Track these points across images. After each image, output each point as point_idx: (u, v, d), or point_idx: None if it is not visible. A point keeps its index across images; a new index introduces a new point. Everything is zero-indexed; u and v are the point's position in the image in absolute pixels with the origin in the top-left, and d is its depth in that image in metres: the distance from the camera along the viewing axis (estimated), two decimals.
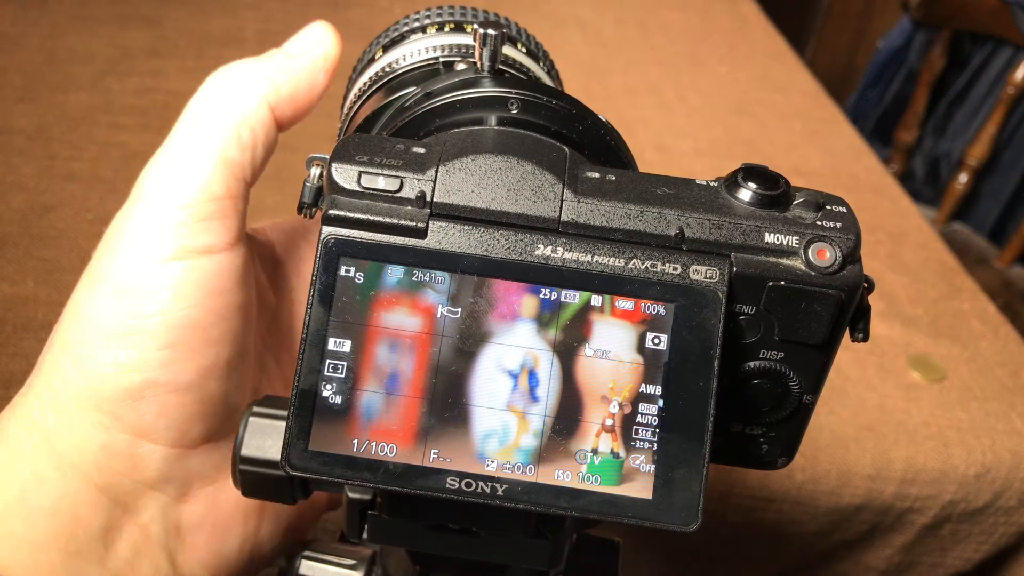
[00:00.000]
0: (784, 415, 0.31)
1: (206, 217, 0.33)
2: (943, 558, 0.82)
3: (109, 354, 0.32)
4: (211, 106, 0.34)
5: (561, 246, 0.28)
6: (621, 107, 1.19)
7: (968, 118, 1.83)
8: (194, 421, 0.34)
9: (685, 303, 0.27)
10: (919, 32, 1.82)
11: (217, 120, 0.33)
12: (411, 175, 0.28)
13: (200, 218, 0.33)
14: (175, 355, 0.33)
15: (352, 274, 0.27)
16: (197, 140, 0.33)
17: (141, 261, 0.32)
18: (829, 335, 0.29)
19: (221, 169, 0.33)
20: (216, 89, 0.34)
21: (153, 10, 1.21)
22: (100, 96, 1.02)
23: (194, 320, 0.33)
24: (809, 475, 0.75)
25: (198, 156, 0.33)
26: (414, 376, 0.27)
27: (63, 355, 0.33)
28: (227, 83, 0.34)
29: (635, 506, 0.27)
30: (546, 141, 0.31)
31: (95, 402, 0.33)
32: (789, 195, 0.29)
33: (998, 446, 0.79)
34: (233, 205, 0.34)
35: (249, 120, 0.34)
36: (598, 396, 0.27)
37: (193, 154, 0.33)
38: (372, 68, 0.41)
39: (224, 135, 0.33)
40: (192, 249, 0.32)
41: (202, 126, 0.33)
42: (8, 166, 0.90)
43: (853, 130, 1.25)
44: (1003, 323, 0.94)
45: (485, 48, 0.34)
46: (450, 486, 0.27)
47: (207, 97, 0.34)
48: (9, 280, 0.75)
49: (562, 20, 1.39)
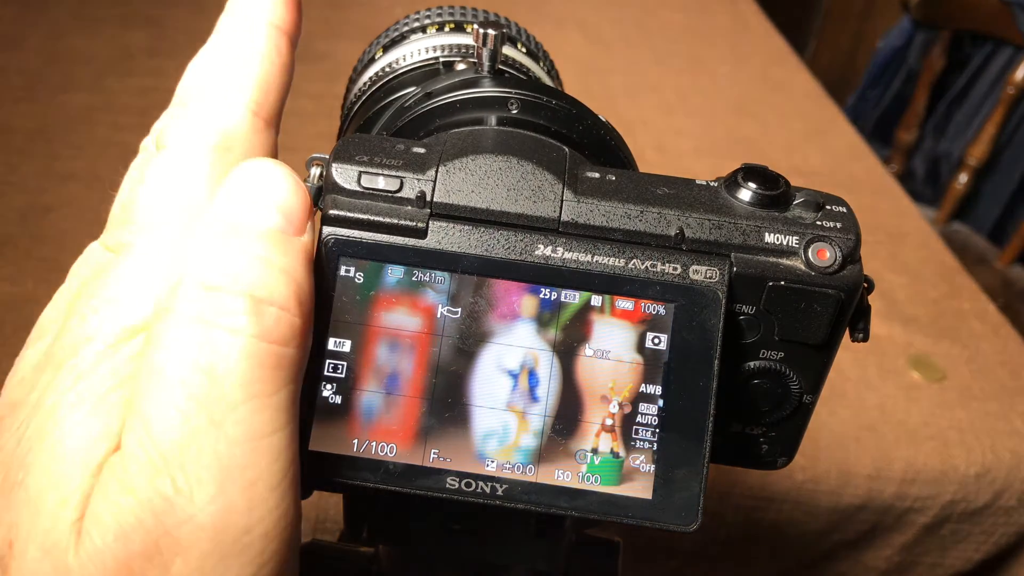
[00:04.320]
0: (784, 415, 0.31)
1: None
2: (943, 558, 0.82)
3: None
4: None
5: (561, 246, 0.28)
6: (621, 107, 1.19)
7: (968, 118, 1.83)
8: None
9: (685, 303, 0.27)
10: (919, 32, 1.82)
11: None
12: (411, 175, 0.28)
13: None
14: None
15: (352, 274, 0.27)
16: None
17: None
18: (829, 335, 0.29)
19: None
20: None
21: (154, 10, 1.21)
22: (100, 96, 1.02)
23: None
24: (809, 475, 0.75)
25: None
26: (414, 376, 0.27)
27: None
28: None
29: (635, 506, 0.27)
30: (546, 141, 0.31)
31: None
32: (789, 195, 0.29)
33: (998, 446, 0.79)
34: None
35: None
36: (598, 396, 0.27)
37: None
38: (372, 68, 0.41)
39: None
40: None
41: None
42: (8, 166, 0.90)
43: (853, 130, 1.25)
44: (1003, 323, 0.94)
45: (485, 48, 0.34)
46: (450, 486, 0.27)
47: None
48: (9, 280, 0.75)
49: (562, 20, 1.39)
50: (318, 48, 1.17)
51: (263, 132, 0.27)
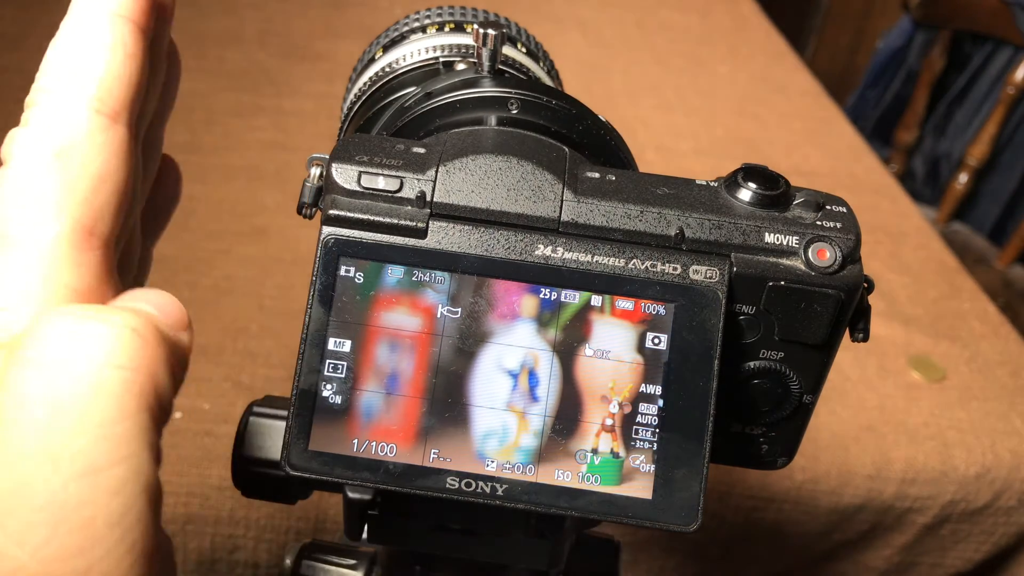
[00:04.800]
0: (784, 415, 0.31)
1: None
2: (943, 558, 0.82)
3: None
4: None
5: (561, 246, 0.28)
6: (621, 107, 1.20)
7: (968, 118, 1.83)
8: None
9: (685, 303, 0.27)
10: (919, 32, 1.82)
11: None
12: (411, 175, 0.28)
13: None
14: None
15: (352, 274, 0.27)
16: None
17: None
18: (829, 335, 0.29)
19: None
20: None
21: None
22: None
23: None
24: (809, 475, 0.75)
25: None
26: (414, 376, 0.27)
27: None
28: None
29: (635, 506, 0.27)
30: (546, 141, 0.31)
31: None
32: (789, 195, 0.29)
33: (998, 446, 0.79)
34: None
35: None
36: (598, 396, 0.27)
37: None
38: (372, 68, 0.41)
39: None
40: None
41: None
42: None
43: (853, 130, 1.25)
44: (1003, 323, 0.94)
45: (485, 48, 0.34)
46: (450, 486, 0.27)
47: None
48: None
49: (562, 20, 1.39)
50: (318, 48, 1.17)
51: (110, 130, 0.25)
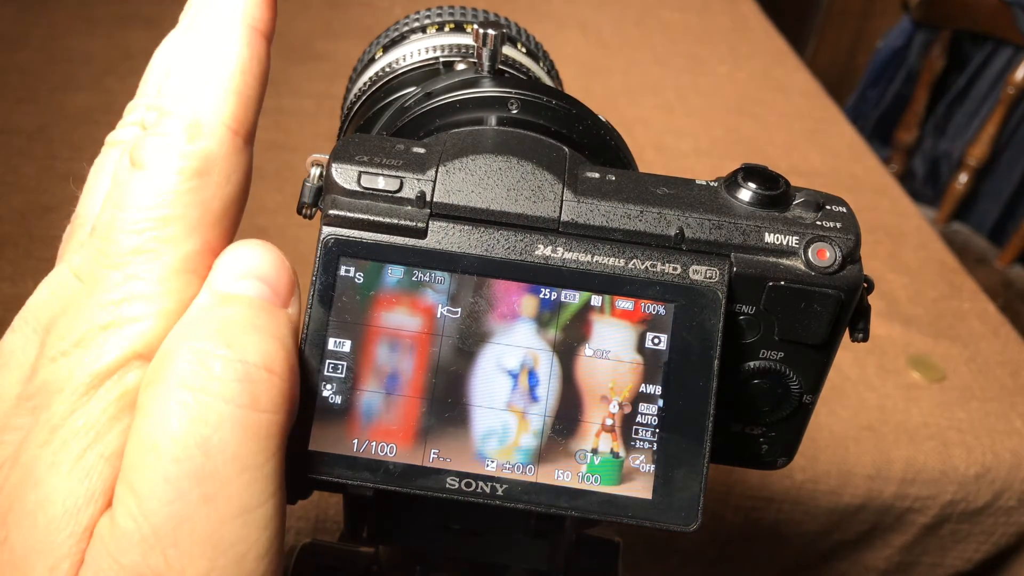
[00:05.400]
0: (784, 415, 0.31)
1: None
2: (943, 558, 0.82)
3: None
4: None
5: (561, 246, 0.28)
6: (621, 107, 1.20)
7: (968, 118, 1.83)
8: None
9: (685, 303, 0.27)
10: (919, 32, 1.82)
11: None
12: (411, 175, 0.28)
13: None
14: None
15: (352, 274, 0.27)
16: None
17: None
18: (829, 335, 0.29)
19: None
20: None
21: (153, 10, 1.21)
22: (100, 96, 1.02)
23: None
24: (809, 475, 0.75)
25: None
26: (414, 376, 0.27)
27: None
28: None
29: (635, 506, 0.27)
30: (546, 141, 0.31)
31: None
32: (789, 195, 0.29)
33: (998, 446, 0.79)
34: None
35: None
36: (598, 396, 0.27)
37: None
38: (372, 68, 0.41)
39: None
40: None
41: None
42: (8, 166, 0.90)
43: (853, 130, 1.25)
44: (1003, 323, 0.94)
45: (485, 48, 0.34)
46: (450, 486, 0.27)
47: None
48: (9, 280, 0.75)
49: (562, 20, 1.39)
50: (318, 48, 1.16)
51: (241, 152, 0.25)
